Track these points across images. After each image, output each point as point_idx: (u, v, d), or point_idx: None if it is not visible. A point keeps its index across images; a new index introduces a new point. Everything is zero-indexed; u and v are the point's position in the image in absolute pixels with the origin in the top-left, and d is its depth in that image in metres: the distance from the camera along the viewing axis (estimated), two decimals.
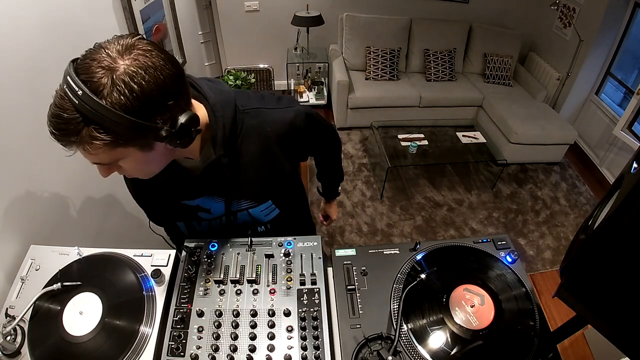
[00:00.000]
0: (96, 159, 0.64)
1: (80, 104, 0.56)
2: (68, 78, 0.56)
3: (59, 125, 0.58)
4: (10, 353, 0.74)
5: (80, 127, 0.57)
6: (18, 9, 0.96)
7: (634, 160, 0.63)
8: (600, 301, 0.67)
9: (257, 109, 0.84)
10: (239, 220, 0.97)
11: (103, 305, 0.78)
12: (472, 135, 3.27)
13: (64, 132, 0.58)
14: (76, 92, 0.55)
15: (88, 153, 0.61)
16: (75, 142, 0.59)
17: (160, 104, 0.61)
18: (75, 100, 0.56)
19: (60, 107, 0.57)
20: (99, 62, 0.57)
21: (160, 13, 1.94)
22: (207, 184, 0.85)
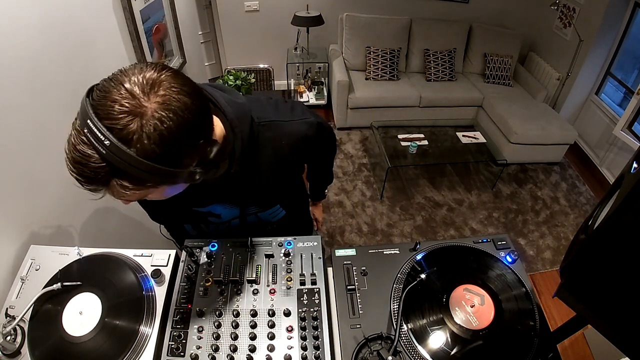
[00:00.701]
0: (124, 200, 0.61)
1: (108, 154, 0.51)
2: (90, 123, 0.51)
3: (84, 174, 0.53)
4: (10, 353, 0.74)
5: (109, 178, 0.54)
6: (18, 9, 0.96)
7: (634, 160, 0.63)
8: (600, 301, 0.67)
9: (273, 122, 0.85)
10: (247, 222, 0.99)
11: (103, 305, 0.78)
12: (472, 135, 3.27)
13: (90, 181, 0.54)
14: (102, 141, 0.50)
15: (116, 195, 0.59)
16: (103, 190, 0.57)
17: (190, 146, 0.58)
18: (103, 150, 0.51)
19: (84, 155, 0.52)
20: (122, 105, 0.52)
21: (160, 13, 1.94)
22: (221, 193, 0.87)
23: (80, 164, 0.52)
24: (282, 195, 0.99)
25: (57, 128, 1.11)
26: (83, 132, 0.52)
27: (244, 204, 0.93)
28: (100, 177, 0.53)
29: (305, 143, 0.89)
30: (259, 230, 1.01)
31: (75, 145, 0.52)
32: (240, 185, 0.85)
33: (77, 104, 1.27)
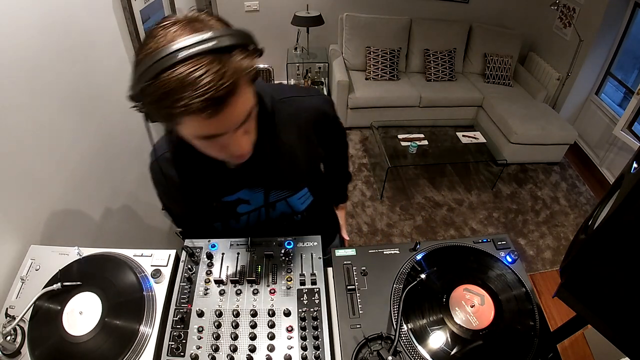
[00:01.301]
0: (247, 105, 0.62)
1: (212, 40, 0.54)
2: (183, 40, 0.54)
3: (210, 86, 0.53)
4: (10, 353, 0.74)
5: (231, 65, 0.55)
6: (18, 9, 0.96)
7: (634, 160, 0.63)
8: (600, 301, 0.67)
9: (291, 98, 0.87)
10: (277, 210, 0.98)
11: (103, 305, 0.78)
12: (472, 135, 3.27)
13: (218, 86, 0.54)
14: (203, 39, 0.54)
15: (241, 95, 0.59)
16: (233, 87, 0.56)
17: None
18: (208, 45, 0.54)
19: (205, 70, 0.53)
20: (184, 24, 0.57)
21: (160, 13, 1.94)
22: (248, 175, 0.86)
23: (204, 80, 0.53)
24: (309, 176, 0.97)
25: (57, 128, 1.11)
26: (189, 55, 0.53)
27: (269, 185, 0.91)
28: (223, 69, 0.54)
29: (324, 116, 0.93)
30: (288, 219, 1.01)
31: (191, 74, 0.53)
32: (266, 165, 0.85)
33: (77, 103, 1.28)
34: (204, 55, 0.54)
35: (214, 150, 0.68)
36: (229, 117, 0.60)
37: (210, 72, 0.53)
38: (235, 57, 0.56)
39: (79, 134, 1.23)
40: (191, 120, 0.58)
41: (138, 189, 1.65)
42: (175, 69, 0.53)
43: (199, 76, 0.53)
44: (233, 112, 0.60)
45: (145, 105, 0.59)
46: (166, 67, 0.53)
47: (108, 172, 1.41)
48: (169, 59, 0.53)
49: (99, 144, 1.34)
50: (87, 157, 1.27)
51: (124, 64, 1.54)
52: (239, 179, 0.87)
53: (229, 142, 0.66)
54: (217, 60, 0.54)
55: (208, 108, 0.55)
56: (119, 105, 1.50)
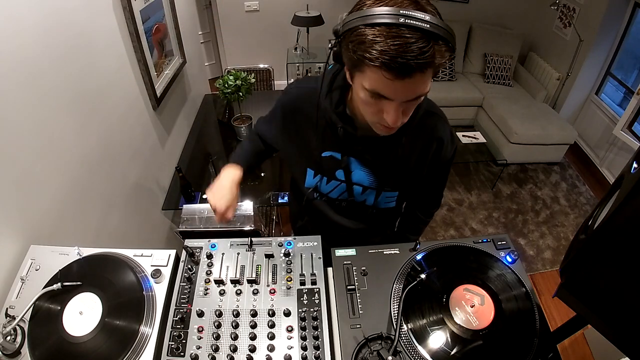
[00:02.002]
0: (424, 86, 0.68)
1: (432, 27, 0.61)
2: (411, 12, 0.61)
3: (415, 52, 0.60)
4: (10, 353, 0.74)
5: (432, 50, 0.61)
6: (18, 10, 0.96)
7: (634, 160, 0.63)
8: (600, 301, 0.67)
9: (438, 114, 0.95)
10: (364, 195, 1.02)
11: (103, 305, 0.78)
12: (472, 135, 3.27)
13: (421, 56, 0.61)
14: (423, 18, 0.60)
15: (423, 79, 0.65)
16: (425, 66, 0.62)
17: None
18: (426, 25, 0.60)
19: (414, 36, 0.60)
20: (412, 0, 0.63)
21: (160, 13, 1.93)
22: (372, 150, 0.93)
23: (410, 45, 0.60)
24: (405, 181, 1.00)
25: (57, 128, 1.11)
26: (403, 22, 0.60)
27: (378, 172, 0.97)
28: (427, 51, 0.61)
29: (447, 146, 0.97)
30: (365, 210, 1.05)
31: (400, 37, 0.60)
32: (389, 153, 0.92)
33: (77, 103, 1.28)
34: (419, 30, 0.61)
35: (371, 108, 0.74)
36: (405, 87, 0.66)
37: (418, 46, 0.60)
38: (440, 47, 0.63)
39: (79, 134, 1.23)
40: (373, 73, 0.65)
41: (138, 189, 1.65)
42: (394, 27, 0.60)
43: (409, 44, 0.60)
44: (410, 86, 0.66)
45: (347, 42, 0.67)
46: (389, 22, 0.61)
47: (108, 172, 1.41)
48: (395, 18, 0.61)
49: (99, 143, 1.34)
50: (87, 157, 1.27)
51: (124, 64, 1.54)
52: (363, 147, 0.93)
53: (388, 109, 0.72)
54: (427, 40, 0.61)
55: (394, 70, 0.62)
56: (119, 105, 1.50)
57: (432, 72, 0.65)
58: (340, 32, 0.69)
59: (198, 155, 2.30)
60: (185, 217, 1.86)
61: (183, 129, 2.39)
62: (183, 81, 2.39)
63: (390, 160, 0.94)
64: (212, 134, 2.55)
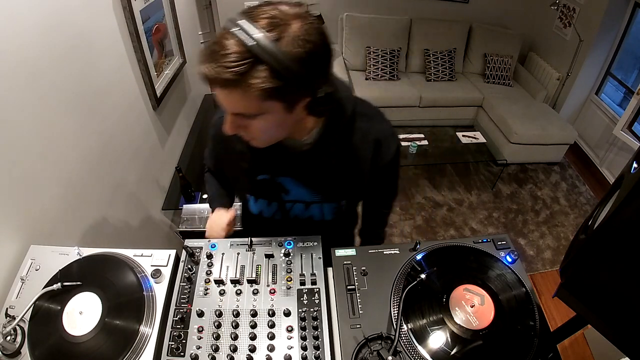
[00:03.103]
0: (242, 107, 0.66)
1: (256, 46, 0.58)
2: (243, 23, 0.59)
3: (226, 63, 0.59)
4: (10, 353, 0.74)
5: (248, 69, 0.59)
6: (18, 10, 0.96)
7: (634, 160, 0.63)
8: (600, 301, 0.67)
9: (371, 115, 0.91)
10: (308, 211, 0.99)
11: (103, 305, 0.78)
12: (472, 135, 3.27)
13: (230, 70, 0.59)
14: (252, 35, 0.58)
15: (240, 97, 0.63)
16: (236, 83, 0.61)
17: (321, 67, 0.67)
18: (251, 42, 0.58)
19: (232, 47, 0.59)
20: (274, 16, 0.61)
21: (160, 13, 1.94)
22: (303, 166, 0.89)
23: (225, 55, 0.59)
24: (352, 190, 0.98)
25: (57, 128, 1.11)
26: (233, 32, 0.60)
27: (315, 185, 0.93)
28: (242, 68, 0.59)
29: (386, 146, 0.92)
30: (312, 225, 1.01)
31: (222, 41, 0.60)
32: (326, 165, 0.88)
33: (77, 103, 1.28)
34: (243, 45, 0.59)
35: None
36: (223, 99, 0.66)
37: (229, 59, 0.59)
38: (258, 68, 0.60)
39: (79, 134, 1.23)
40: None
41: (138, 189, 1.65)
42: (221, 38, 0.61)
43: (223, 54, 0.59)
44: (227, 99, 0.65)
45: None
46: (222, 29, 0.61)
47: (108, 172, 1.41)
48: (225, 28, 0.61)
49: (99, 143, 1.34)
50: (87, 157, 1.27)
51: (124, 64, 1.54)
52: (294, 165, 0.90)
53: (226, 120, 0.71)
54: (241, 57, 0.59)
55: (206, 78, 0.62)
56: (119, 105, 1.50)
57: (250, 91, 0.61)
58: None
59: (198, 155, 2.30)
60: (185, 217, 1.87)
61: (183, 129, 2.39)
62: (183, 81, 2.40)
63: (325, 172, 0.90)
64: None
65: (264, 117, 0.68)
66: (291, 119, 0.72)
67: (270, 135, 0.76)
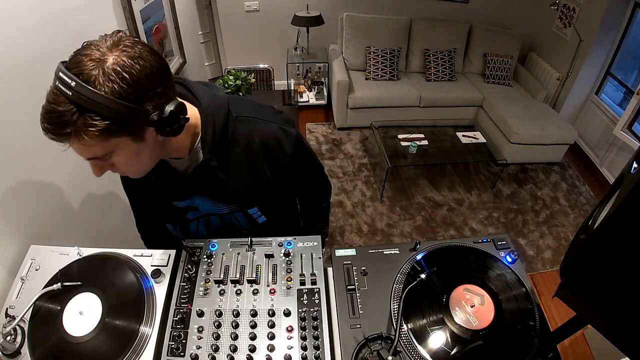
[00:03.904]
0: (90, 152, 0.64)
1: (74, 95, 0.57)
2: (60, 74, 0.59)
3: (53, 120, 0.59)
4: (10, 353, 0.74)
5: (75, 118, 0.58)
6: (18, 9, 0.96)
7: (634, 160, 0.63)
8: (600, 301, 0.67)
9: (249, 118, 0.86)
10: (224, 221, 0.98)
11: (103, 305, 0.78)
12: (472, 135, 3.27)
13: (58, 125, 0.59)
14: (69, 84, 0.57)
15: (83, 145, 0.62)
16: (71, 134, 0.60)
17: (149, 91, 0.64)
18: (69, 92, 0.57)
19: (54, 102, 0.58)
20: (89, 57, 0.60)
21: (160, 13, 1.94)
22: (197, 185, 0.88)
23: (50, 112, 0.59)
24: (258, 197, 0.95)
25: None
26: (55, 85, 0.59)
27: (218, 197, 0.91)
28: (66, 119, 0.58)
29: (278, 147, 0.87)
30: (234, 232, 1.00)
31: (47, 99, 0.60)
32: (215, 179, 0.85)
33: None
34: (66, 97, 0.58)
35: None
36: (75, 149, 0.64)
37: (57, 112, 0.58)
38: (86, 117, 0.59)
39: None
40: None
41: None
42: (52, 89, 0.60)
43: (51, 109, 0.59)
44: (78, 148, 0.64)
45: None
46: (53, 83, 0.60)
47: (108, 171, 1.40)
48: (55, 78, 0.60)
49: None
50: None
51: None
52: (189, 186, 0.88)
53: (93, 165, 0.70)
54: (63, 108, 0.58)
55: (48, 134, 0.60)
56: None
57: (86, 138, 0.60)
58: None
59: None
60: None
61: None
62: None
63: (220, 184, 0.87)
64: None
65: (118, 153, 0.67)
66: (149, 145, 0.70)
67: (138, 166, 0.74)
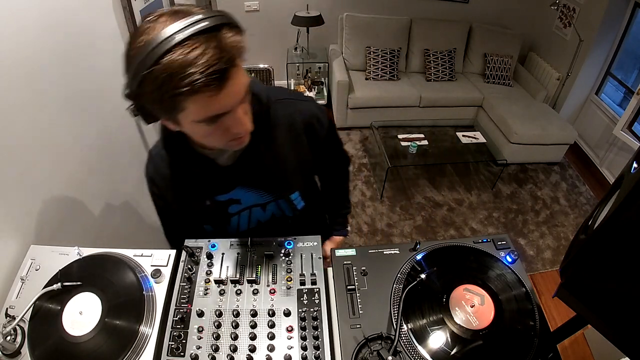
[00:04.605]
0: (244, 79, 0.64)
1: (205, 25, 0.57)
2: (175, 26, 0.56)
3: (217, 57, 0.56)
4: (10, 353, 0.74)
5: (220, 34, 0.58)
6: (18, 9, 0.96)
7: (634, 160, 0.63)
8: (600, 301, 0.67)
9: (287, 99, 0.90)
10: (267, 212, 0.98)
11: (103, 305, 0.78)
12: (472, 135, 3.27)
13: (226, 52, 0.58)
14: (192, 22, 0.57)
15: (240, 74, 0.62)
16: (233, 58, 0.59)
17: None
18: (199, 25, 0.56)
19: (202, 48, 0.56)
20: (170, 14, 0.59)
21: None
22: (239, 175, 0.88)
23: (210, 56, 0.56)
24: (301, 180, 0.97)
25: (57, 128, 1.11)
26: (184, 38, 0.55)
27: (263, 185, 0.92)
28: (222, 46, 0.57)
29: (318, 123, 0.93)
30: (278, 223, 1.01)
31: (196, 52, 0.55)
32: (259, 163, 0.87)
33: (77, 103, 1.28)
34: (198, 35, 0.56)
35: (217, 133, 0.68)
36: (232, 90, 0.61)
37: (209, 48, 0.56)
38: (226, 33, 0.59)
39: (79, 134, 1.23)
40: (196, 102, 0.59)
41: (138, 189, 1.65)
42: (173, 52, 0.55)
43: (199, 54, 0.55)
44: (235, 85, 0.61)
45: (144, 98, 0.60)
46: (164, 51, 0.55)
47: (108, 172, 1.40)
48: (165, 44, 0.55)
49: (99, 143, 1.34)
50: (87, 157, 1.27)
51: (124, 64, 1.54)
52: (232, 177, 0.88)
53: (231, 123, 0.67)
54: (212, 37, 0.57)
55: (213, 82, 0.56)
56: (119, 105, 1.50)
57: (240, 58, 0.61)
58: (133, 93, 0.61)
59: None
60: None
61: None
62: None
63: (268, 170, 0.89)
64: None
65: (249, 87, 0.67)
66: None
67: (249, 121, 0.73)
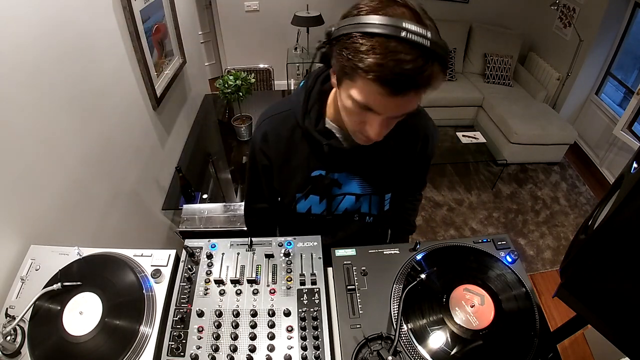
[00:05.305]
0: (413, 106, 0.67)
1: (432, 45, 0.59)
2: (409, 26, 0.58)
3: (418, 70, 0.59)
4: (10, 353, 0.74)
5: (431, 70, 0.60)
6: (18, 10, 0.96)
7: (634, 160, 0.63)
8: (600, 301, 0.67)
9: (421, 111, 0.95)
10: (357, 204, 1.01)
11: (103, 305, 0.78)
12: (472, 135, 3.28)
13: (420, 76, 0.60)
14: (425, 35, 0.58)
15: (418, 97, 0.64)
16: (421, 86, 0.61)
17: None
18: (426, 43, 0.58)
19: (413, 59, 0.58)
20: (413, 12, 0.62)
21: (160, 13, 1.93)
22: (356, 160, 0.92)
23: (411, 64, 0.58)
24: (399, 182, 1.01)
25: (57, 128, 1.11)
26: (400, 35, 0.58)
27: (366, 178, 0.96)
28: (427, 71, 0.60)
29: (432, 140, 0.98)
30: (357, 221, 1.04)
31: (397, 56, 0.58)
32: (377, 157, 0.91)
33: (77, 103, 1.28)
34: (418, 47, 0.58)
35: (354, 118, 0.72)
36: (398, 104, 0.65)
37: (416, 65, 0.58)
38: (436, 67, 0.61)
39: (79, 134, 1.23)
40: (367, 86, 0.62)
41: (138, 189, 1.65)
42: (394, 41, 0.58)
43: (408, 60, 0.58)
44: (404, 104, 0.65)
45: (341, 47, 0.64)
46: (389, 34, 0.58)
47: (108, 172, 1.41)
48: (396, 30, 0.58)
49: (99, 143, 1.34)
50: (87, 157, 1.27)
51: (124, 64, 1.54)
52: (347, 159, 0.92)
53: (371, 122, 0.70)
54: (425, 59, 0.59)
55: (393, 86, 0.60)
56: (119, 105, 1.50)
57: (425, 91, 0.63)
58: (334, 36, 0.66)
59: (198, 155, 2.30)
60: (185, 217, 1.87)
61: (183, 129, 2.39)
62: (183, 81, 2.39)
63: (380, 165, 0.94)
64: (212, 134, 2.55)
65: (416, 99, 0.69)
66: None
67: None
